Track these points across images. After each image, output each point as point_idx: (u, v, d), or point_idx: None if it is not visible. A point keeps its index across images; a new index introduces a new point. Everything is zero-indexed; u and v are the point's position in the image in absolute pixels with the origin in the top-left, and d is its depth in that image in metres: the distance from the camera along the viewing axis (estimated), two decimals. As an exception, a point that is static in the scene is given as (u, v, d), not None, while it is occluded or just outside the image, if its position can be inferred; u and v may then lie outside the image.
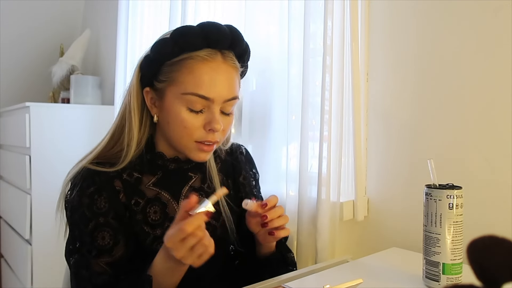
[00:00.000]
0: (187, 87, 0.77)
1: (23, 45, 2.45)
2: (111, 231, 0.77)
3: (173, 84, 0.78)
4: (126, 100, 0.84)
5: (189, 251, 0.67)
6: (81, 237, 0.78)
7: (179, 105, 0.78)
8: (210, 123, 0.78)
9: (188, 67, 0.77)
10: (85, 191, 0.78)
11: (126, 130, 0.82)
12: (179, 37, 0.77)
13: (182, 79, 0.77)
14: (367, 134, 1.07)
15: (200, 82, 0.76)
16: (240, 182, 0.95)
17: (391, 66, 1.01)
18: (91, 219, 0.77)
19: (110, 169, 0.80)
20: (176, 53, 0.77)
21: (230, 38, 0.79)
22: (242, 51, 0.83)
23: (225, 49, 0.80)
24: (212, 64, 0.78)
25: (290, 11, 1.10)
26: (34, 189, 1.79)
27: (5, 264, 2.24)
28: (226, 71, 0.79)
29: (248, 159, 1.00)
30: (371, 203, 1.07)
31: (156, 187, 0.84)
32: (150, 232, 0.80)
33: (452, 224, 0.68)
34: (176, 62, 0.78)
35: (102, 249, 0.76)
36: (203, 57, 0.77)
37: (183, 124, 0.78)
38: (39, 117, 1.80)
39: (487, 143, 0.85)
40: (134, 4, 1.68)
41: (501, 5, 0.82)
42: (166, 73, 0.79)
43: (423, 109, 0.96)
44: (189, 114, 0.77)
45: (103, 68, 2.28)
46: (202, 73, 0.77)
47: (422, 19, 0.96)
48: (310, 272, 0.84)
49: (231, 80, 0.80)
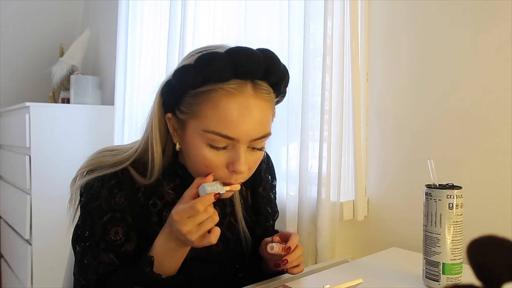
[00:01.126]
0: (209, 124, 0.68)
1: (23, 45, 2.45)
2: (126, 227, 0.75)
3: (194, 118, 0.70)
4: (148, 128, 0.77)
5: (196, 226, 0.66)
6: (92, 227, 0.75)
7: (200, 141, 0.69)
8: (233, 164, 0.69)
9: (212, 101, 0.67)
10: (106, 182, 0.75)
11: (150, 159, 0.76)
12: (204, 65, 0.67)
13: (204, 114, 0.68)
14: (367, 134, 1.07)
15: (225, 120, 0.67)
16: (259, 193, 0.91)
17: (391, 66, 1.01)
18: (107, 212, 0.75)
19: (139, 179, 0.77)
20: (200, 83, 0.68)
21: (264, 67, 0.68)
22: (278, 79, 0.72)
23: (257, 79, 0.69)
24: (240, 99, 0.67)
25: (290, 12, 1.10)
26: (34, 189, 1.79)
27: (5, 264, 2.24)
28: (257, 106, 0.68)
29: (269, 167, 0.96)
30: (371, 203, 1.07)
31: (174, 192, 0.80)
32: None
33: (452, 224, 0.68)
34: (199, 94, 0.69)
35: (112, 244, 0.74)
36: (229, 90, 0.67)
37: (204, 162, 0.70)
38: (39, 117, 1.80)
39: (487, 143, 0.85)
40: (134, 4, 1.68)
41: (500, 5, 0.82)
42: (188, 104, 0.70)
43: (423, 109, 0.96)
44: (210, 151, 0.69)
45: (103, 68, 2.28)
46: (228, 110, 0.67)
47: (422, 19, 0.96)
48: (310, 272, 0.84)
49: (262, 116, 0.69)
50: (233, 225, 0.84)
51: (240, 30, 1.25)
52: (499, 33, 0.83)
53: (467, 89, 0.88)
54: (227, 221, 0.84)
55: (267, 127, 0.71)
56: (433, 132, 0.94)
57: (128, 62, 1.68)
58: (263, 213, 0.92)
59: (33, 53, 2.48)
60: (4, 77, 2.39)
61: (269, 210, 0.93)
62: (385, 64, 1.03)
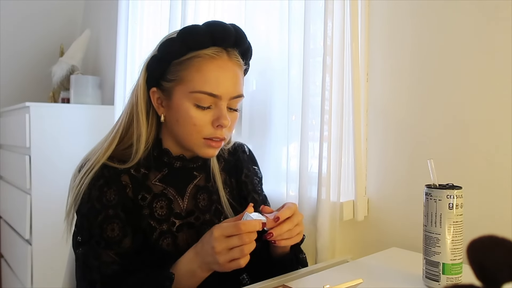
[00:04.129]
0: (196, 85, 0.78)
1: (23, 45, 2.45)
2: (120, 223, 0.78)
3: (181, 83, 0.80)
4: (132, 100, 0.86)
5: (227, 250, 0.68)
6: (90, 229, 0.78)
7: (187, 103, 0.79)
8: (218, 119, 0.79)
9: (196, 66, 0.79)
10: (94, 183, 0.80)
11: (134, 129, 0.84)
12: (187, 35, 0.79)
13: (190, 78, 0.79)
14: (367, 134, 1.07)
15: (208, 80, 0.78)
16: (242, 180, 0.95)
17: (391, 66, 1.01)
18: (100, 211, 0.78)
19: (121, 166, 0.82)
20: (184, 51, 0.79)
21: (235, 36, 0.81)
22: (245, 49, 0.85)
23: (230, 47, 0.81)
24: (218, 62, 0.80)
25: (290, 12, 1.10)
26: (34, 189, 1.79)
27: (5, 264, 2.24)
28: (232, 68, 0.81)
29: (251, 157, 1.01)
30: (371, 203, 1.07)
31: (162, 183, 0.85)
32: (156, 227, 0.81)
33: (452, 224, 0.68)
34: (184, 61, 0.79)
35: (111, 241, 0.77)
36: (210, 55, 0.79)
37: (192, 121, 0.79)
38: (39, 117, 1.80)
39: (487, 143, 0.85)
40: (134, 4, 1.68)
41: (500, 5, 0.82)
42: (174, 72, 0.80)
43: (423, 109, 0.96)
44: (197, 111, 0.79)
45: (103, 68, 2.28)
46: (210, 71, 0.79)
47: (422, 19, 0.96)
48: (310, 272, 0.84)
49: (237, 77, 0.82)
50: (220, 212, 0.88)
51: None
52: (500, 33, 0.83)
53: (467, 89, 0.88)
54: (214, 207, 0.88)
55: (240, 88, 0.83)
56: (433, 132, 0.94)
57: (128, 62, 1.68)
58: (250, 201, 0.94)
59: (33, 53, 2.48)
60: (4, 77, 2.39)
61: (256, 198, 0.95)
62: (385, 64, 1.03)
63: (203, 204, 0.87)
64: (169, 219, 0.83)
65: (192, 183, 0.87)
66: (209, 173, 0.90)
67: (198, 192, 0.87)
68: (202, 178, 0.89)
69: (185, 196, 0.86)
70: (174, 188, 0.85)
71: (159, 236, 0.81)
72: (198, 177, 0.88)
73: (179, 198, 0.85)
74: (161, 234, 0.81)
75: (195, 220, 0.85)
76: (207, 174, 0.89)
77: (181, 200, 0.85)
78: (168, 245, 0.81)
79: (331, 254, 1.04)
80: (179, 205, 0.85)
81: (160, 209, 0.83)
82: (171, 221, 0.83)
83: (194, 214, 0.85)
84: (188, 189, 0.86)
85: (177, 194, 0.85)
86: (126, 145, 0.84)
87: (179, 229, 0.83)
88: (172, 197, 0.84)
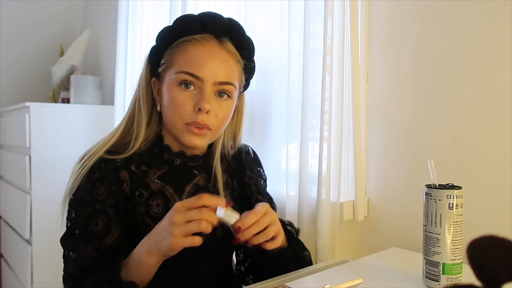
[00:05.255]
0: (180, 66, 0.80)
1: (23, 45, 2.45)
2: (105, 218, 0.78)
3: (170, 66, 0.82)
4: (136, 93, 0.88)
5: (184, 222, 0.67)
6: (76, 220, 0.79)
7: (172, 84, 0.80)
8: (199, 102, 0.78)
9: (183, 49, 0.81)
10: (89, 176, 0.80)
11: (135, 122, 0.85)
12: (178, 23, 0.82)
13: (176, 60, 0.81)
14: (367, 134, 1.07)
15: (192, 61, 0.79)
16: (245, 182, 0.94)
17: (391, 66, 1.01)
18: (88, 204, 0.79)
19: (119, 156, 0.82)
20: (175, 37, 0.82)
21: (227, 24, 0.83)
22: (242, 41, 0.85)
23: (222, 36, 0.82)
24: (206, 46, 0.81)
25: (290, 11, 1.10)
26: (34, 189, 1.78)
27: (5, 264, 2.24)
28: (221, 54, 0.81)
29: (255, 159, 1.00)
30: (371, 203, 1.07)
31: (160, 180, 0.84)
32: (151, 224, 0.81)
33: (452, 224, 0.68)
34: (174, 46, 0.82)
35: (94, 235, 0.78)
36: (197, 39, 0.80)
37: (174, 102, 0.79)
38: (39, 117, 1.80)
39: (487, 143, 0.85)
40: (134, 4, 1.68)
41: (500, 6, 0.82)
42: (165, 57, 0.83)
43: (423, 109, 0.96)
44: (180, 91, 0.79)
45: (103, 68, 2.28)
46: (195, 53, 0.80)
47: (422, 19, 0.96)
48: (310, 272, 0.84)
49: (226, 64, 0.81)
50: None
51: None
52: (500, 33, 0.83)
53: (467, 89, 0.88)
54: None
55: (231, 76, 0.81)
56: (433, 132, 0.94)
57: (128, 62, 1.68)
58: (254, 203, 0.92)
59: (33, 53, 2.48)
60: (4, 77, 2.39)
61: (260, 199, 0.93)
62: (385, 64, 1.03)
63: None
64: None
65: (191, 182, 0.87)
66: (210, 173, 0.89)
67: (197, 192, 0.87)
68: (202, 178, 0.88)
69: (183, 195, 0.85)
70: (172, 186, 0.85)
71: None
72: (198, 176, 0.88)
73: (177, 197, 0.85)
74: None
75: None
76: (208, 174, 0.89)
77: (179, 199, 0.85)
78: None
79: (331, 254, 1.04)
80: None
81: (156, 207, 0.82)
82: None
83: None
84: (187, 188, 0.86)
85: (175, 192, 0.85)
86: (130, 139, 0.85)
87: None
88: (169, 196, 0.84)
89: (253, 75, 0.91)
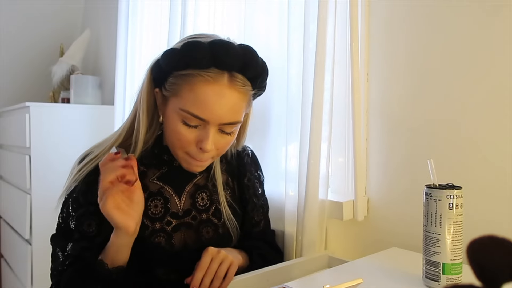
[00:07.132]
0: (185, 104, 0.75)
1: (23, 45, 2.45)
2: (98, 220, 0.79)
3: (174, 96, 0.78)
4: (137, 101, 0.86)
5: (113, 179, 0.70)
6: (67, 219, 0.80)
7: (176, 117, 0.77)
8: (201, 142, 0.77)
9: (190, 84, 0.75)
10: (85, 178, 0.81)
11: (135, 132, 0.84)
12: (187, 51, 0.75)
13: (182, 94, 0.76)
14: (367, 134, 1.06)
15: (198, 101, 0.75)
16: (244, 184, 0.95)
17: (391, 66, 1.01)
18: (82, 205, 0.80)
19: None
20: (182, 67, 0.76)
21: (242, 60, 0.76)
22: (256, 74, 0.80)
23: (234, 71, 0.76)
24: (215, 87, 0.75)
25: (290, 12, 1.10)
26: (34, 189, 1.78)
27: (5, 264, 2.24)
28: (231, 96, 0.76)
29: (254, 160, 1.01)
30: (371, 203, 1.07)
31: (159, 181, 0.85)
32: (149, 225, 0.81)
33: (452, 224, 0.68)
34: (181, 76, 0.76)
35: (85, 235, 0.79)
36: (206, 78, 0.74)
37: (177, 136, 0.78)
38: (39, 117, 1.80)
39: (487, 143, 0.85)
40: (134, 4, 1.68)
41: (500, 5, 0.82)
42: (170, 84, 0.78)
43: (423, 109, 0.96)
44: (183, 128, 0.77)
45: (103, 68, 2.28)
46: (202, 94, 0.74)
47: (422, 19, 0.95)
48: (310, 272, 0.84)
49: (235, 105, 0.77)
50: (220, 212, 0.89)
51: (239, 30, 1.25)
52: (500, 33, 0.83)
53: (467, 89, 0.88)
54: (214, 207, 0.88)
55: (237, 115, 0.78)
56: (433, 132, 0.94)
57: (128, 62, 1.67)
58: (249, 204, 0.95)
59: (33, 53, 2.48)
60: (4, 77, 2.39)
61: (255, 202, 0.95)
62: (385, 64, 1.03)
63: (201, 204, 0.87)
64: (164, 218, 0.83)
65: (191, 182, 0.87)
66: (210, 173, 0.89)
67: (197, 191, 0.87)
68: (202, 178, 0.89)
69: (182, 194, 0.86)
70: (172, 186, 0.85)
71: (151, 234, 0.82)
72: (198, 177, 0.88)
73: (176, 196, 0.85)
74: (153, 232, 0.82)
75: (192, 220, 0.85)
76: (208, 173, 0.89)
77: (178, 199, 0.85)
78: (160, 243, 0.81)
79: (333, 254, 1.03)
80: (175, 205, 0.85)
81: (155, 207, 0.83)
82: (167, 220, 0.83)
83: (191, 213, 0.86)
84: (187, 187, 0.86)
85: (174, 192, 0.85)
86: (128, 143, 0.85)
87: (176, 228, 0.83)
88: (168, 196, 0.84)
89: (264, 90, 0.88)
